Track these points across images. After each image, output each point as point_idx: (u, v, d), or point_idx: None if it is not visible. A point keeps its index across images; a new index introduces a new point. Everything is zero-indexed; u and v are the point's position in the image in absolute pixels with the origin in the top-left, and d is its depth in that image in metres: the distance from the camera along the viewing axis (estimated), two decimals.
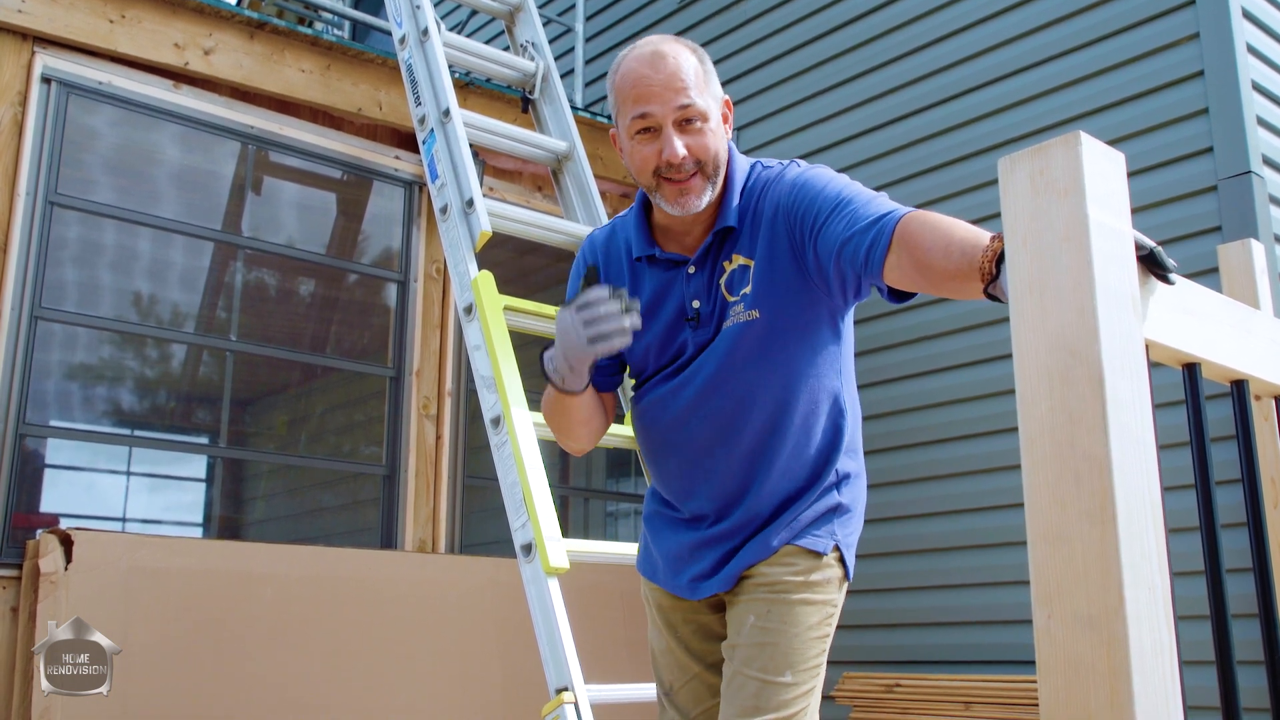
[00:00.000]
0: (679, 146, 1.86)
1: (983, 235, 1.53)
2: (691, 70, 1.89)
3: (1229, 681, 1.27)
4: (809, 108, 5.26)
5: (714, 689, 2.05)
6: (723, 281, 1.93)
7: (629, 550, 2.97)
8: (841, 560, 1.95)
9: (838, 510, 1.97)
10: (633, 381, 2.16)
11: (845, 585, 1.97)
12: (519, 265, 5.49)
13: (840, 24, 5.21)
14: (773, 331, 1.90)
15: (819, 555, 1.92)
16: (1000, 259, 1.43)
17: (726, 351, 1.93)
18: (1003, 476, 4.30)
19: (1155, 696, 0.99)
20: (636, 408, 2.08)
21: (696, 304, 1.95)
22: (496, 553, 4.28)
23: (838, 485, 1.97)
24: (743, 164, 1.99)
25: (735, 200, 1.94)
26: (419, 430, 4.34)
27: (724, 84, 2.07)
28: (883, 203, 1.79)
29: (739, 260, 1.92)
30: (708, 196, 1.91)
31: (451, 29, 6.32)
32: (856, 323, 4.79)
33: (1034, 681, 3.72)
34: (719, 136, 1.91)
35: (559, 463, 5.85)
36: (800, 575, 1.90)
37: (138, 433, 4.72)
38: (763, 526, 1.96)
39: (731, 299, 1.92)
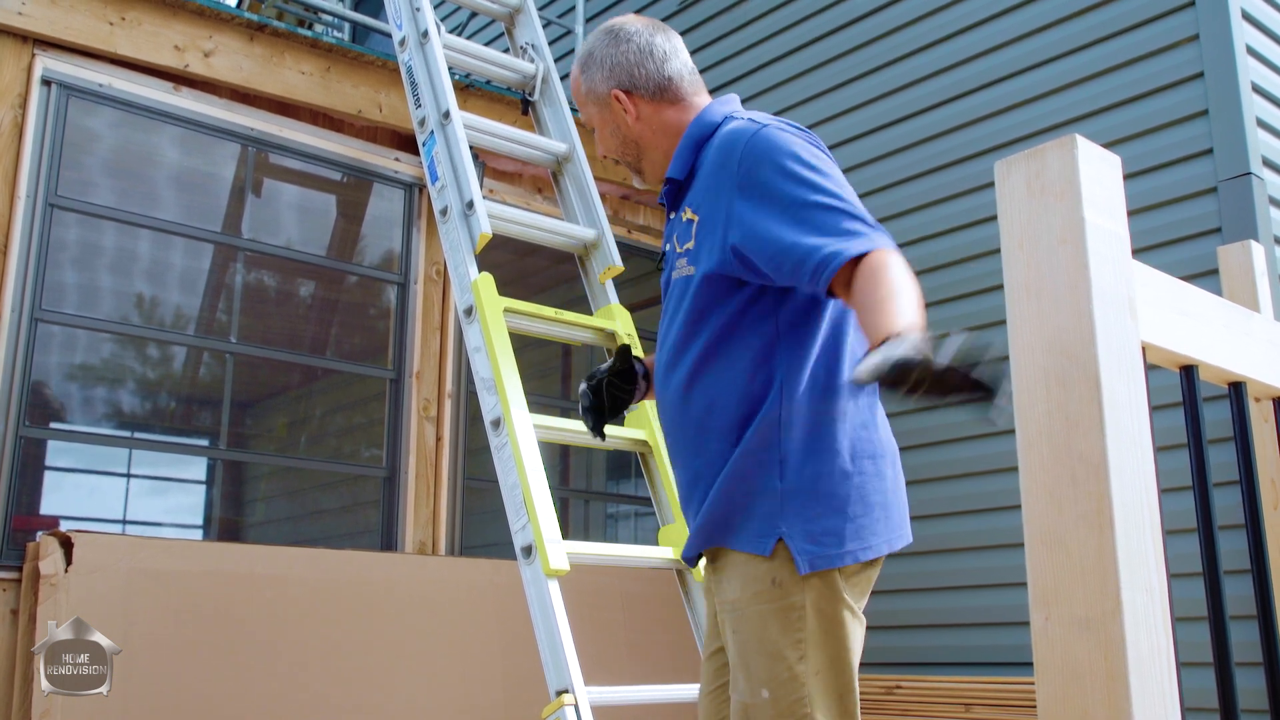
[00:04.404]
0: (599, 148, 2.16)
1: (889, 326, 1.56)
2: (580, 87, 2.15)
3: (1227, 683, 1.27)
4: (809, 109, 5.26)
5: (708, 679, 2.02)
6: (676, 233, 1.98)
7: (629, 552, 2.97)
8: (792, 551, 1.77)
9: (781, 496, 1.80)
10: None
11: (811, 573, 1.76)
12: (519, 267, 5.49)
13: (841, 25, 5.21)
14: (699, 289, 1.90)
15: (762, 558, 1.79)
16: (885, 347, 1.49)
17: (667, 303, 1.98)
18: (1003, 478, 4.30)
19: (1153, 698, 0.99)
20: None
21: (666, 248, 2.05)
22: (497, 555, 4.28)
23: (781, 470, 1.81)
24: (708, 118, 2.01)
25: (686, 155, 2.00)
26: (419, 432, 4.34)
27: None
28: (819, 221, 1.73)
29: (688, 213, 1.95)
30: (637, 177, 2.15)
31: (451, 31, 6.32)
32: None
33: (1034, 683, 3.72)
34: (604, 136, 2.13)
35: (559, 464, 5.85)
36: (749, 587, 1.80)
37: (138, 435, 4.72)
38: (696, 506, 1.92)
39: (679, 250, 1.96)
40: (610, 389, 2.27)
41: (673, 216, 2.03)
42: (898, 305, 1.60)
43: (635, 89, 2.06)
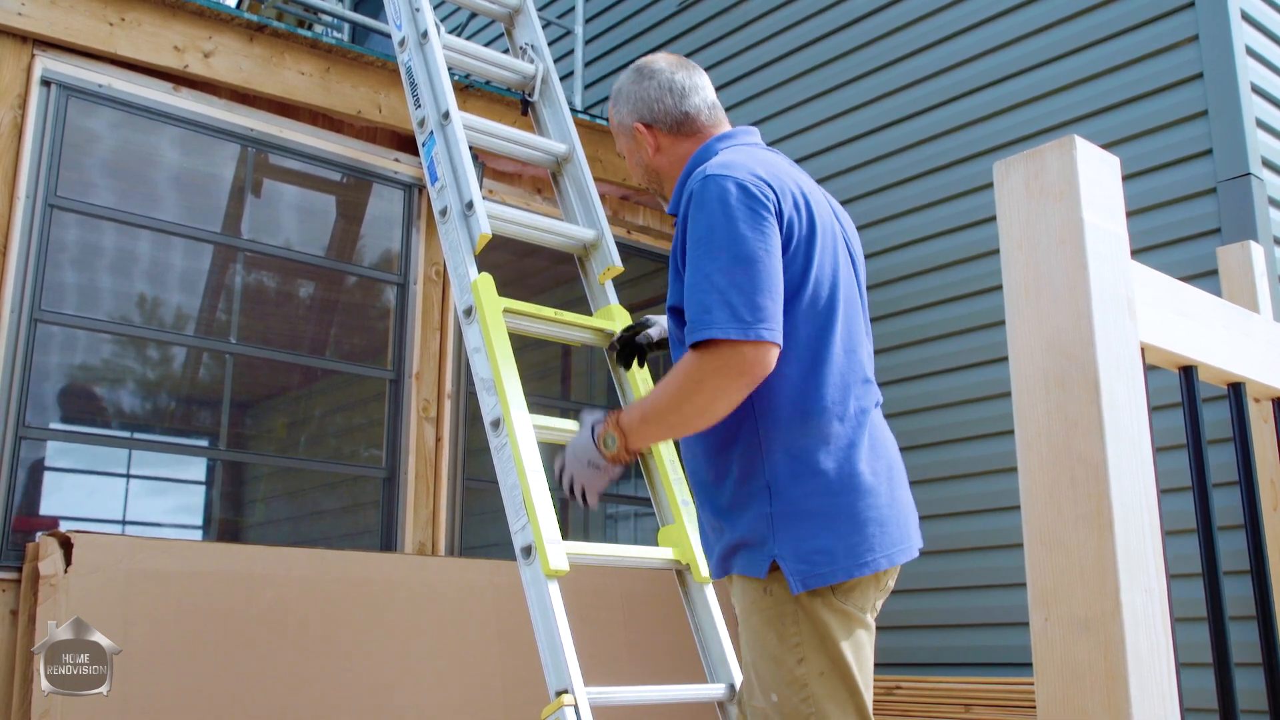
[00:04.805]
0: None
1: (624, 414, 2.06)
2: (612, 120, 2.34)
3: (1227, 683, 1.27)
4: (809, 110, 5.26)
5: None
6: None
7: (629, 553, 2.97)
8: (785, 573, 1.87)
9: (771, 519, 1.90)
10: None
11: (806, 588, 1.86)
12: (519, 267, 5.49)
13: (841, 25, 5.21)
14: (672, 318, 2.07)
15: (757, 578, 1.91)
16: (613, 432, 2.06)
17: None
18: (1003, 479, 4.30)
19: (1152, 699, 1.00)
20: None
21: None
22: (496, 555, 4.28)
23: (769, 495, 1.92)
24: (702, 155, 2.15)
25: (679, 190, 2.13)
26: (419, 432, 4.34)
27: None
28: (699, 292, 1.88)
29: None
30: (667, 203, 2.25)
31: (451, 31, 6.32)
32: None
33: (1034, 683, 3.72)
34: (632, 166, 2.32)
35: None
36: (748, 599, 1.94)
37: (137, 435, 4.72)
38: (700, 523, 2.13)
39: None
40: (638, 346, 2.71)
41: None
42: (652, 401, 1.98)
43: (655, 123, 2.23)
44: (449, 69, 3.77)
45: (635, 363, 2.74)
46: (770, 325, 1.83)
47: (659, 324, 2.68)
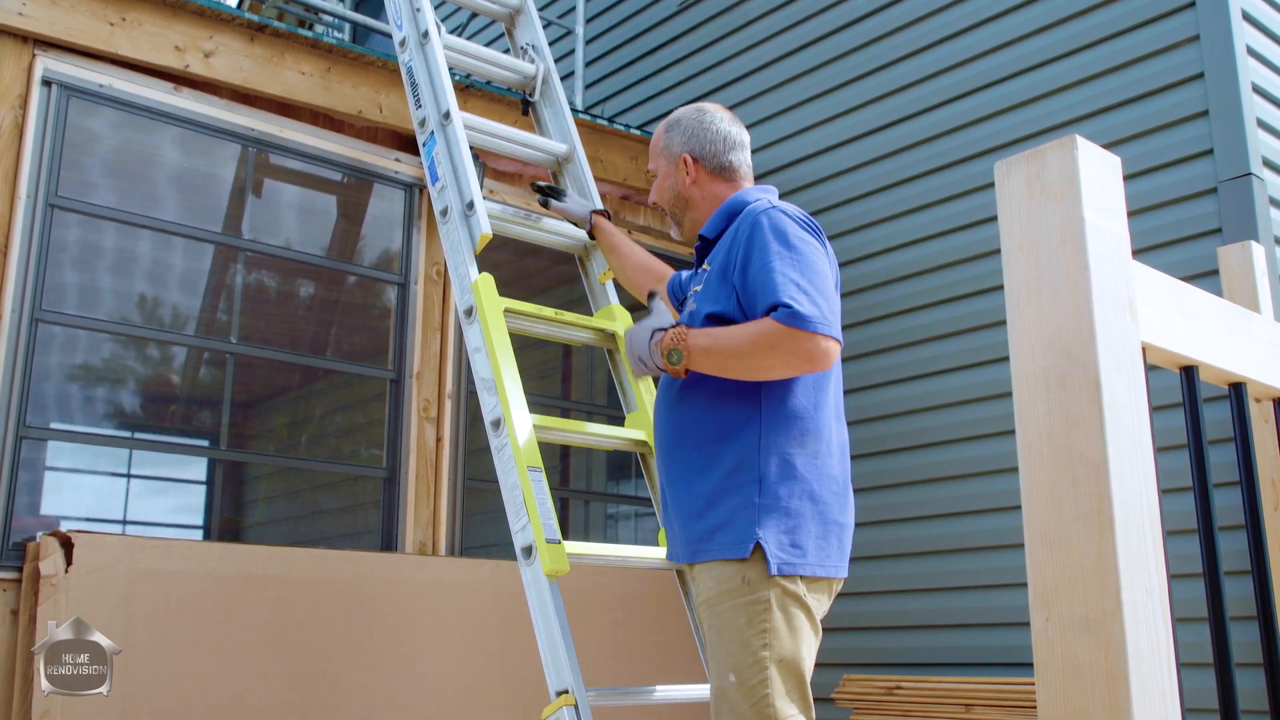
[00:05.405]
0: (651, 193, 2.66)
1: (696, 336, 2.26)
2: (656, 139, 2.63)
3: (1227, 683, 1.27)
4: (810, 110, 5.26)
5: None
6: (695, 281, 2.44)
7: (628, 553, 2.97)
8: (766, 555, 2.11)
9: (758, 509, 2.15)
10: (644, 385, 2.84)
11: (779, 574, 2.11)
12: (519, 267, 5.49)
13: (841, 25, 5.21)
14: (701, 323, 2.29)
15: (739, 561, 2.13)
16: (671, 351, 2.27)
17: None
18: (1004, 479, 4.30)
19: (1153, 698, 1.00)
20: None
21: (690, 292, 2.48)
22: (497, 555, 4.28)
23: (760, 488, 2.16)
24: (741, 197, 2.45)
25: (719, 221, 2.44)
26: (419, 432, 4.34)
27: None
28: (776, 281, 2.15)
29: (706, 266, 2.40)
30: (676, 229, 2.62)
31: (452, 31, 6.32)
32: (857, 325, 4.80)
33: (1034, 683, 3.70)
34: (663, 187, 2.60)
35: (559, 464, 5.86)
36: (722, 585, 2.15)
37: (138, 435, 4.73)
38: (669, 509, 2.32)
39: (692, 292, 2.42)
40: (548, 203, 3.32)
41: (697, 271, 2.48)
42: (724, 339, 2.18)
43: (702, 159, 2.54)
44: (450, 69, 3.77)
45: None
46: (839, 329, 2.11)
47: (577, 206, 3.29)
